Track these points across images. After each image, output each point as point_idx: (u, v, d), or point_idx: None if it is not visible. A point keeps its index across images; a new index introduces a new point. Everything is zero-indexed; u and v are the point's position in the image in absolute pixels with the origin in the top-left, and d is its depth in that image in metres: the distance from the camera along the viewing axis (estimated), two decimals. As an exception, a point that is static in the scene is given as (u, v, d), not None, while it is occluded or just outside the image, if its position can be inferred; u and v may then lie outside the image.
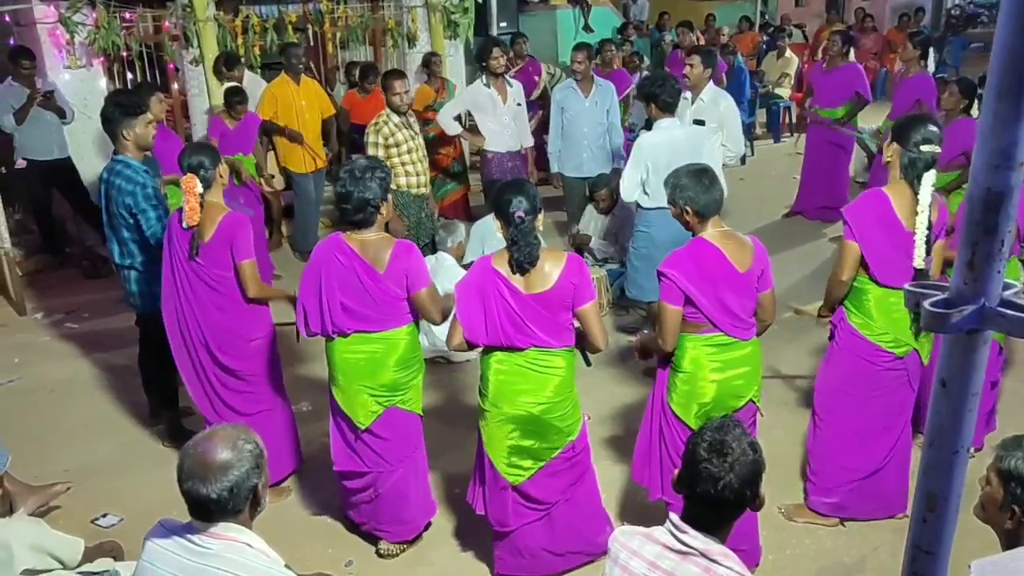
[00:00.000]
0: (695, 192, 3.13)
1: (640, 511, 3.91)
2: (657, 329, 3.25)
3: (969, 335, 0.99)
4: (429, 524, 3.83)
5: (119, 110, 4.19)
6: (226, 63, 7.01)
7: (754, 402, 3.31)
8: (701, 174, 3.18)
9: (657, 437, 3.40)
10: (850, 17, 15.34)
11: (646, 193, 4.89)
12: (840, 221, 7.76)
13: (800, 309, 4.43)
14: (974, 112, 5.71)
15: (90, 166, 7.38)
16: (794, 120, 11.84)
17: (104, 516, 4.04)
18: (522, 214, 3.04)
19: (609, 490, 3.82)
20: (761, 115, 11.66)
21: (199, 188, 3.73)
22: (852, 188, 8.12)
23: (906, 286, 1.07)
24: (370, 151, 5.53)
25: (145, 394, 4.82)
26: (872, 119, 8.86)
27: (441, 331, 5.35)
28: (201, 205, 3.75)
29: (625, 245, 6.27)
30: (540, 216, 3.15)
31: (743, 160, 9.35)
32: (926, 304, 0.99)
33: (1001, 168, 0.92)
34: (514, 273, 3.07)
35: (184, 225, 3.78)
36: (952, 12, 20.39)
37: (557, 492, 3.33)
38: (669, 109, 4.82)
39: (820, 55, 11.73)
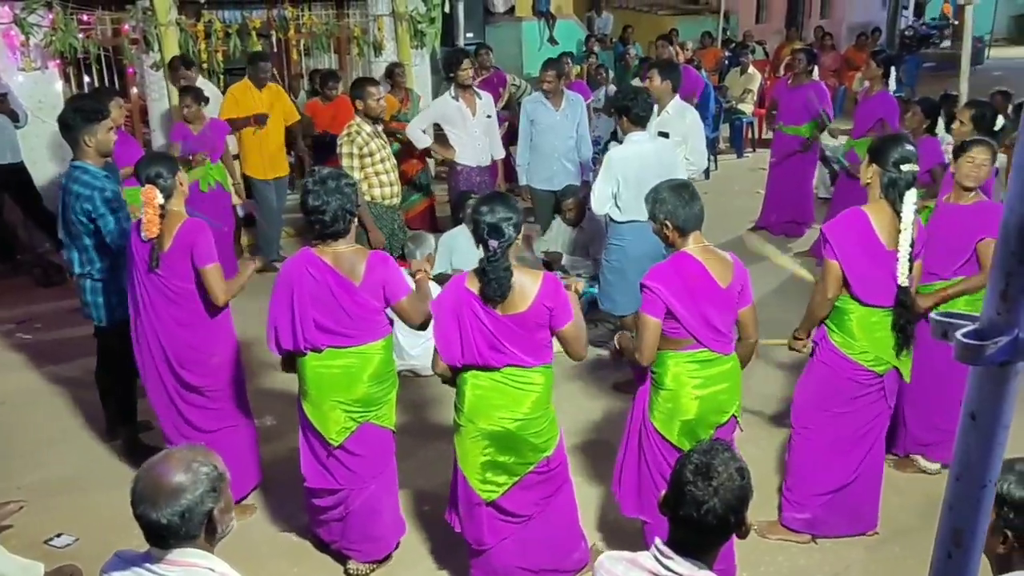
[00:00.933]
0: (674, 207, 3.12)
1: (613, 528, 3.88)
2: (636, 342, 3.22)
3: (1001, 367, 0.96)
4: (398, 543, 3.74)
5: (80, 116, 4.07)
6: (183, 62, 6.86)
7: (735, 417, 3.30)
8: (681, 189, 3.17)
9: (635, 454, 3.37)
10: (809, 35, 15.63)
11: (618, 207, 4.88)
12: (805, 235, 7.93)
13: (767, 343, 4.43)
14: (938, 131, 5.82)
15: (43, 171, 7.19)
16: (757, 136, 11.99)
17: (58, 536, 3.88)
18: (495, 244, 2.94)
19: (581, 506, 3.78)
20: (724, 130, 11.77)
21: (159, 199, 3.62)
22: (815, 204, 8.24)
23: (932, 315, 1.04)
24: (344, 162, 5.42)
25: (102, 408, 4.67)
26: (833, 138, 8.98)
27: (409, 345, 5.30)
28: (162, 216, 3.64)
29: (597, 258, 6.27)
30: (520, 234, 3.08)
31: (707, 174, 9.43)
32: (958, 335, 0.96)
33: (1039, 197, 0.90)
34: (486, 303, 3.01)
35: (143, 237, 3.67)
36: (905, 32, 20.92)
37: (531, 504, 3.28)
38: (640, 123, 4.82)
39: (782, 72, 11.92)
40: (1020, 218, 0.92)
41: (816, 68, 8.16)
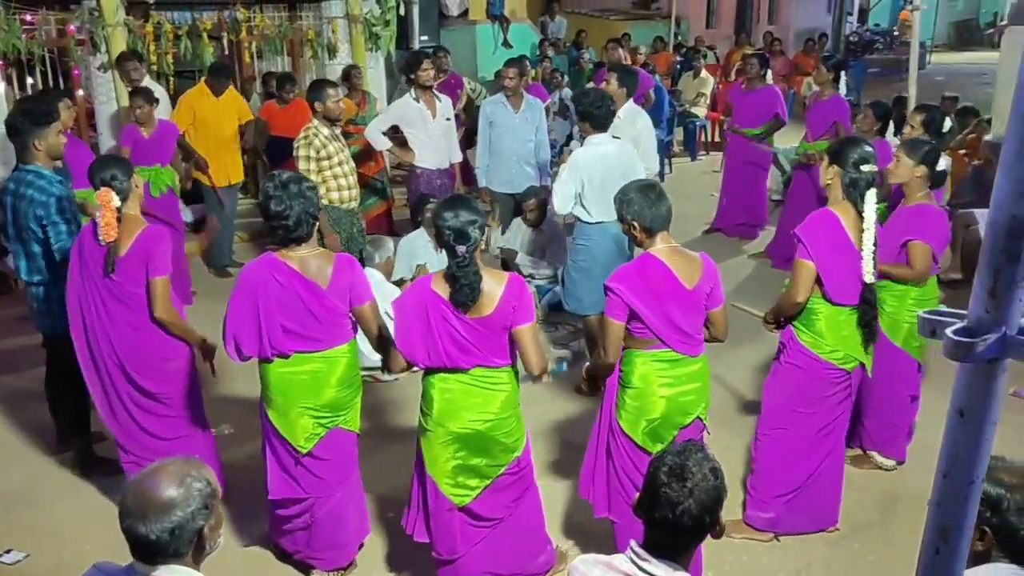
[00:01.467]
0: (641, 207, 3.14)
1: (582, 530, 3.88)
2: (600, 341, 3.25)
3: (989, 364, 0.98)
4: (362, 545, 3.69)
5: (29, 119, 3.98)
6: (134, 54, 6.69)
7: (701, 419, 3.31)
8: (648, 189, 3.18)
9: (604, 454, 3.38)
10: (758, 40, 15.88)
11: (583, 207, 4.89)
12: (759, 237, 8.04)
13: (748, 310, 4.43)
14: (888, 135, 5.95)
15: (-15, 175, 6.95)
16: (710, 139, 12.14)
17: (8, 552, 3.76)
18: (463, 249, 2.91)
19: (549, 508, 3.77)
20: (678, 133, 11.89)
21: (116, 202, 3.53)
22: (769, 206, 8.37)
23: (920, 313, 1.05)
24: (301, 165, 5.33)
25: (52, 419, 4.53)
26: (786, 140, 9.15)
27: (367, 350, 5.23)
28: (119, 219, 3.55)
29: (551, 260, 6.29)
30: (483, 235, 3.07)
31: (661, 177, 9.52)
32: (948, 333, 0.97)
33: (1027, 195, 0.91)
34: (456, 309, 2.98)
35: (101, 241, 3.57)
36: (851, 39, 21.40)
37: (503, 507, 3.27)
38: (603, 127, 4.86)
39: (733, 76, 12.09)
40: (1007, 217, 0.93)
41: (769, 72, 8.30)
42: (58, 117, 4.17)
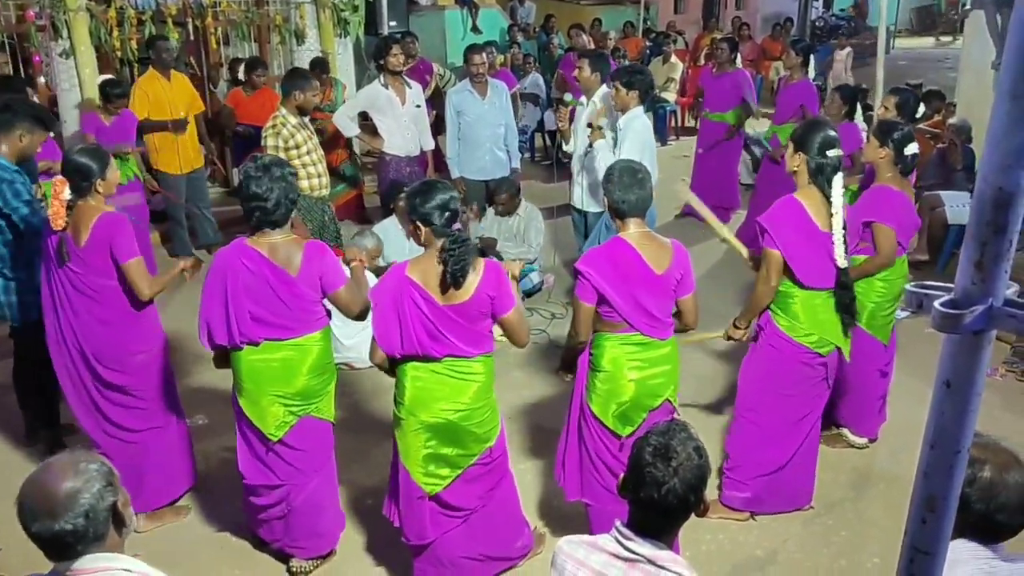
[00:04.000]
0: (614, 186, 3.17)
1: (556, 514, 3.90)
2: (571, 323, 3.29)
3: (975, 335, 0.99)
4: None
5: (36, 122, 4.10)
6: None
7: (670, 401, 3.33)
8: (629, 173, 3.18)
9: (576, 437, 3.40)
10: (725, 25, 15.94)
11: None
12: (731, 220, 8.09)
13: (705, 336, 4.39)
14: (856, 118, 6.01)
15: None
16: (680, 124, 12.18)
17: (-22, 547, 3.69)
18: (460, 226, 2.95)
19: (526, 493, 3.79)
20: (648, 118, 11.90)
21: (66, 194, 3.47)
22: (739, 189, 8.43)
23: (907, 287, 1.06)
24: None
25: (21, 412, 4.45)
26: (757, 124, 9.20)
27: (343, 335, 5.20)
28: (69, 208, 3.49)
29: (531, 244, 6.29)
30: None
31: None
32: (936, 305, 0.98)
33: (1013, 168, 0.92)
34: (445, 291, 2.96)
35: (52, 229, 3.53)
36: (816, 23, 21.55)
37: (475, 498, 3.26)
38: (644, 100, 5.24)
39: (702, 61, 12.13)
40: (993, 189, 0.94)
41: (738, 56, 8.34)
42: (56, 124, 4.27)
